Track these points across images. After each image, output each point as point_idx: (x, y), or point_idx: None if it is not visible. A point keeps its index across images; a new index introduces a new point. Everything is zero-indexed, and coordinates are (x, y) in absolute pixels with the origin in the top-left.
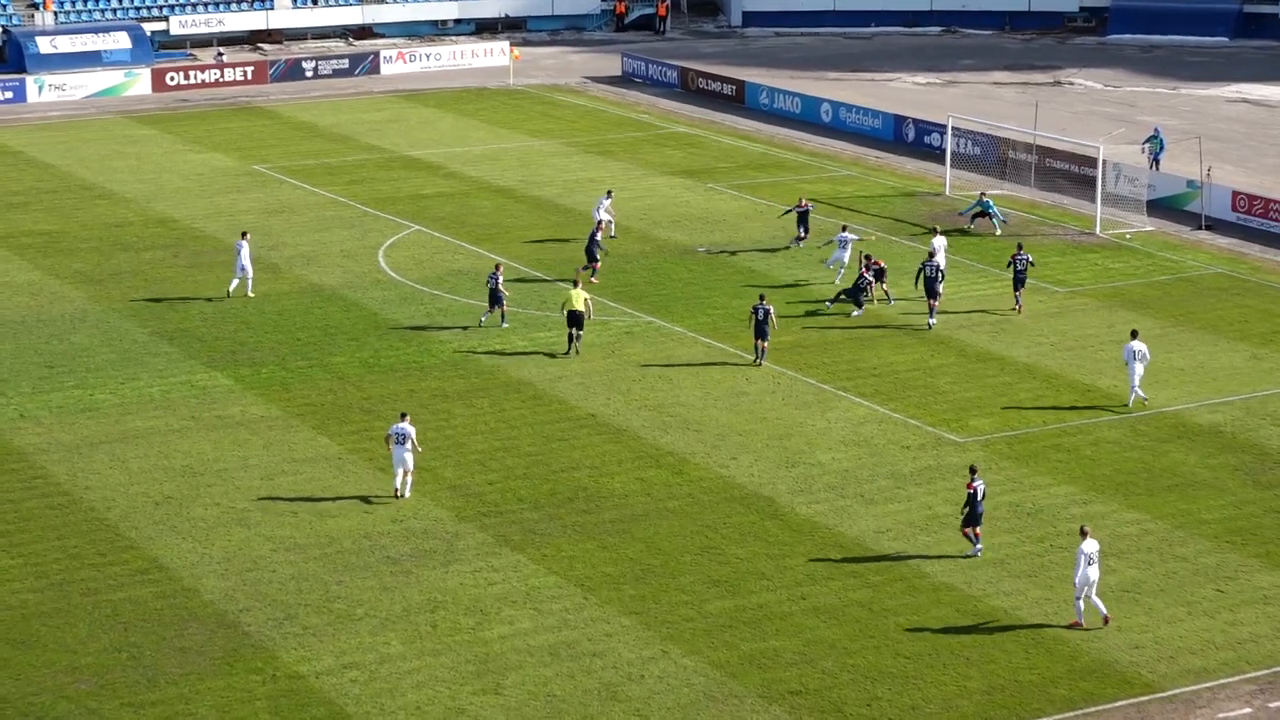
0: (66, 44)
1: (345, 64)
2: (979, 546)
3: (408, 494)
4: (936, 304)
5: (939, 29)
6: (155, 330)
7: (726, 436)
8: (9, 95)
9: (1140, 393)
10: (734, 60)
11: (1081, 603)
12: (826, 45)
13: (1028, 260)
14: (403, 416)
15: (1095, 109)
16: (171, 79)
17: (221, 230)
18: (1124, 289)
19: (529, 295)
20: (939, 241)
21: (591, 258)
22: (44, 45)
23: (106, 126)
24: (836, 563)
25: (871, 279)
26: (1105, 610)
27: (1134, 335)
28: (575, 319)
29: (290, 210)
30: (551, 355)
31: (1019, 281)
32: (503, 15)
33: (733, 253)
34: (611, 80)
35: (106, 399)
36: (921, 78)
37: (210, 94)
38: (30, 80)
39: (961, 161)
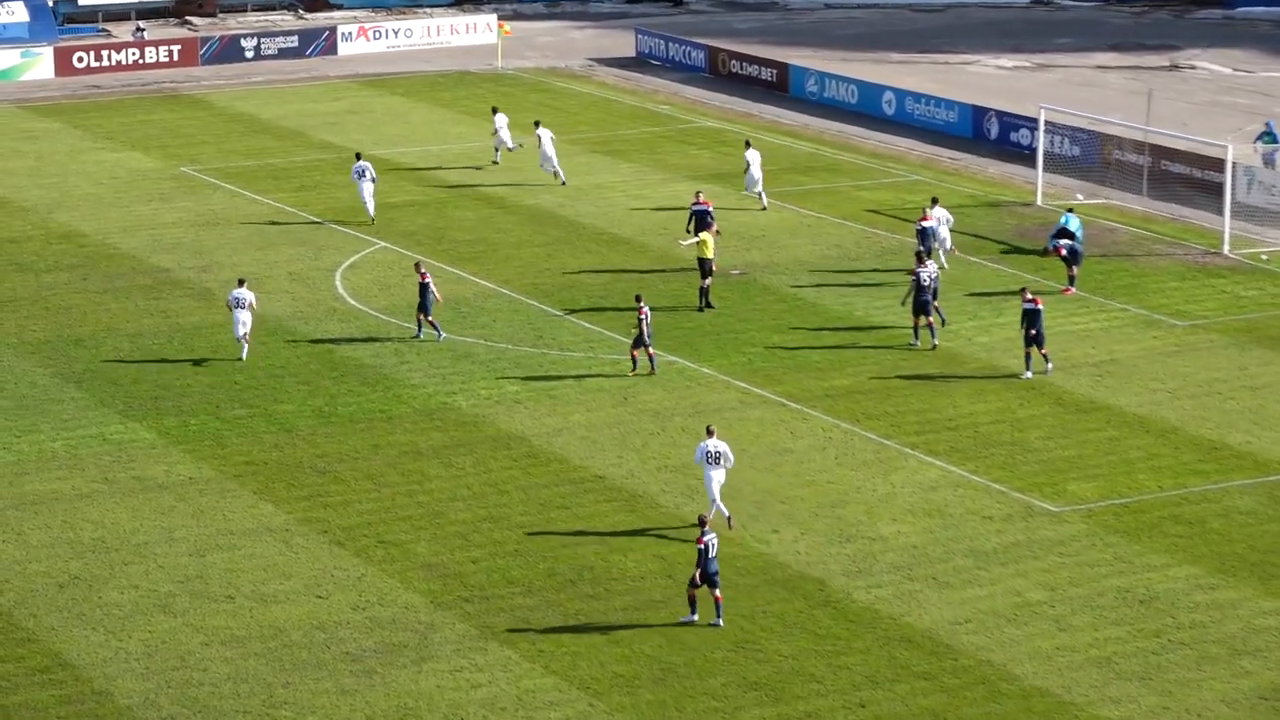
0: None
1: (294, 42)
2: (694, 616)
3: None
4: (932, 321)
5: (1028, 0)
6: (59, 371)
7: (766, 504)
8: None
9: None
10: (775, 38)
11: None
12: (889, 19)
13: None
14: (240, 283)
15: (1221, 99)
16: (79, 60)
17: (142, 247)
18: (1259, 322)
19: (522, 329)
20: (940, 214)
21: (701, 226)
22: None
23: (0, 117)
24: (903, 662)
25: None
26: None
27: None
28: (706, 267)
29: (226, 222)
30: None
31: (1071, 258)
32: None
33: (774, 276)
34: (623, 63)
35: None
36: (1007, 60)
37: (128, 78)
38: None
39: (1057, 164)
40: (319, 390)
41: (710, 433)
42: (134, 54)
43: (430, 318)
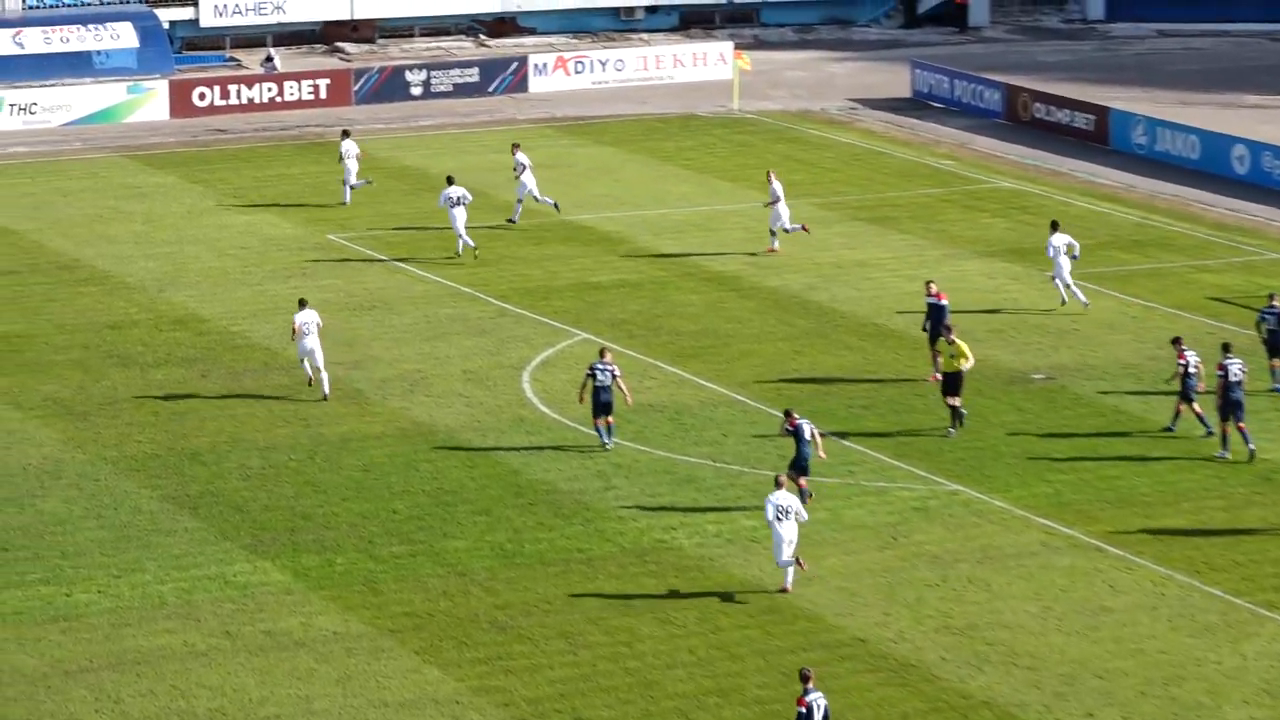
0: (37, 41)
1: (474, 76)
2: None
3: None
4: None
5: None
6: (169, 493)
7: (1078, 678)
8: None
9: None
10: (1091, 74)
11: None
12: (1241, 50)
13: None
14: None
15: None
16: (201, 97)
17: (276, 336)
18: None
19: (760, 446)
20: (1060, 241)
21: (936, 335)
22: (3, 43)
23: (98, 170)
24: None
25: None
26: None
27: None
28: (953, 384)
29: (383, 305)
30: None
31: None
32: (723, 0)
33: (1087, 382)
34: (895, 104)
35: (92, 601)
36: None
37: (262, 120)
38: None
39: None
40: (500, 522)
41: (779, 484)
42: (270, 90)
43: (609, 418)
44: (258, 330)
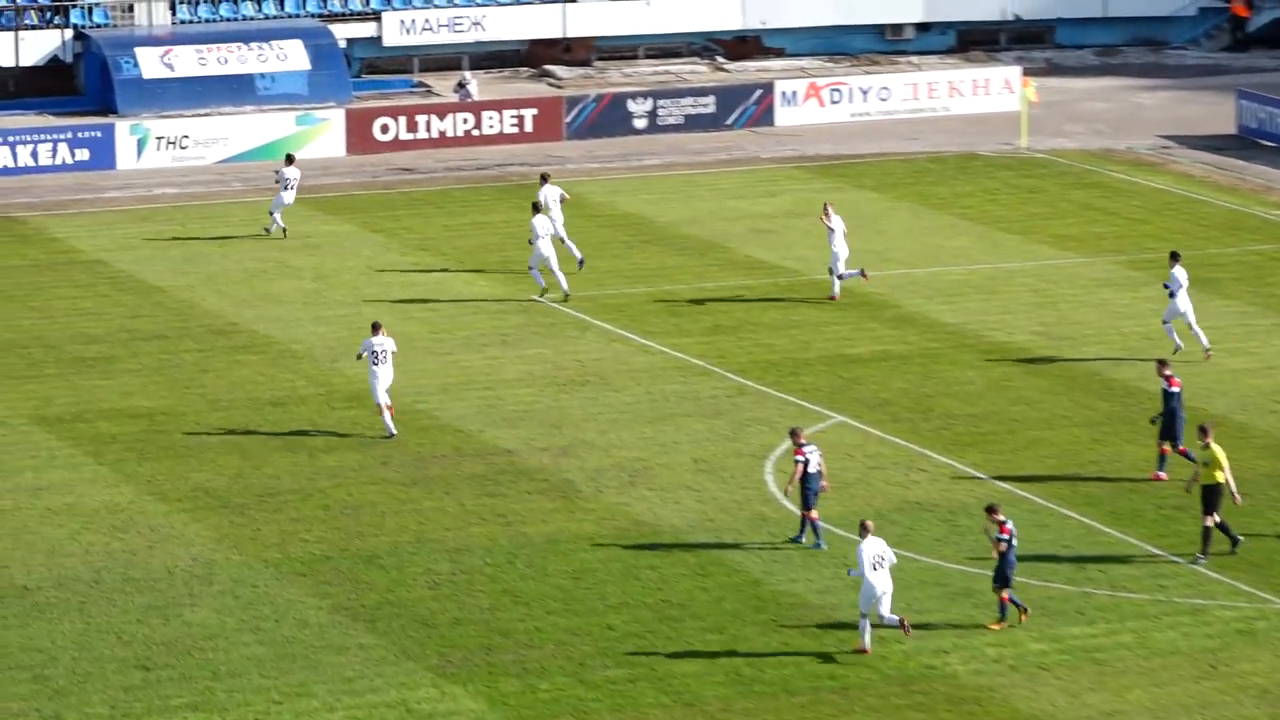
0: (190, 62)
1: (709, 106)
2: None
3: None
4: None
5: None
6: (341, 603)
7: None
8: (85, 155)
9: None
10: None
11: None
12: None
13: None
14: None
15: None
16: (384, 129)
17: (471, 416)
18: None
19: (1052, 554)
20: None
21: (1174, 437)
22: (149, 64)
23: (261, 216)
24: None
25: None
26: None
27: None
28: (1210, 499)
29: (597, 380)
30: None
31: None
32: (1010, 17)
33: None
34: (1217, 142)
35: None
36: None
37: (454, 158)
38: (122, 128)
39: None
40: (737, 642)
41: (867, 531)
42: (465, 121)
43: (811, 512)
44: (448, 409)
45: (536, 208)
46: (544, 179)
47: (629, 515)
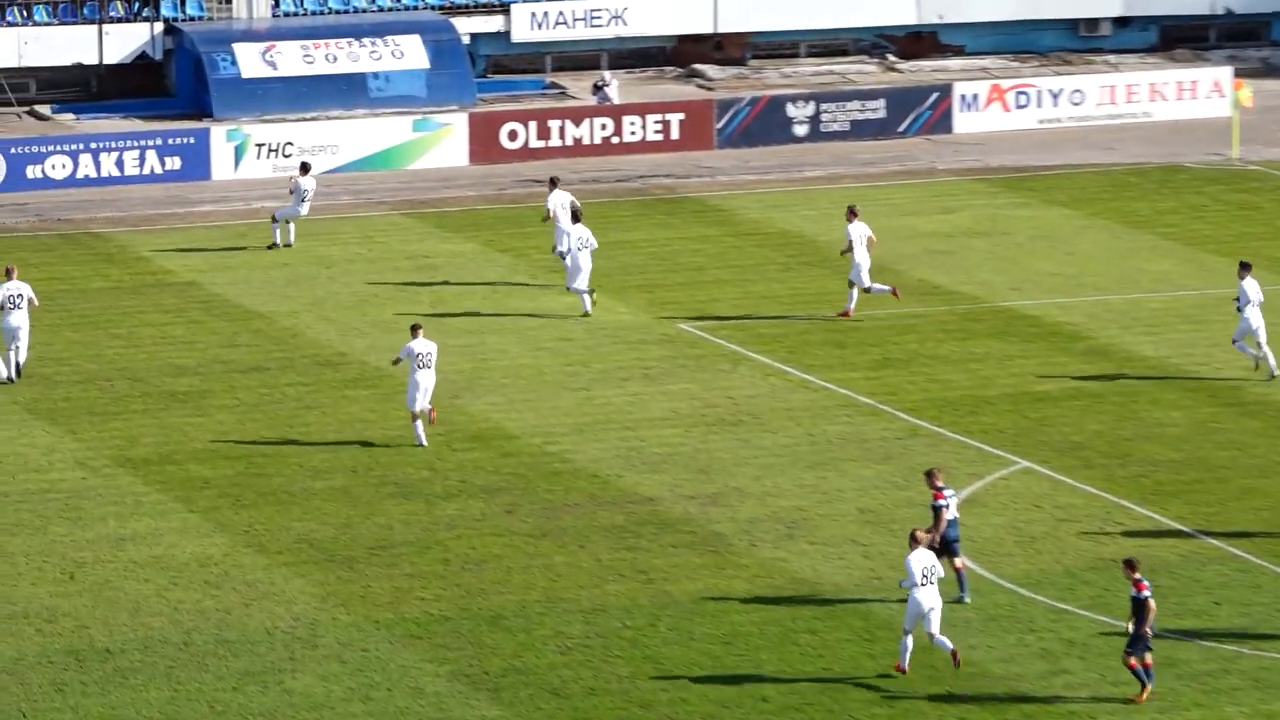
0: (295, 60)
1: (879, 110)
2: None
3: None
4: None
5: None
6: (461, 670)
7: None
8: (176, 164)
9: None
10: None
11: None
12: None
13: None
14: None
15: None
16: (513, 136)
17: (611, 459)
18: None
19: (1269, 621)
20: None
21: None
22: (248, 62)
23: (373, 233)
24: None
25: None
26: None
27: None
28: None
29: (754, 420)
30: None
31: None
32: (1221, 11)
33: None
34: None
35: None
36: None
37: (592, 168)
38: (218, 134)
39: None
40: (910, 715)
41: (918, 541)
42: (604, 127)
43: (957, 560)
44: (583, 451)
45: (576, 216)
46: (553, 183)
47: (786, 572)
